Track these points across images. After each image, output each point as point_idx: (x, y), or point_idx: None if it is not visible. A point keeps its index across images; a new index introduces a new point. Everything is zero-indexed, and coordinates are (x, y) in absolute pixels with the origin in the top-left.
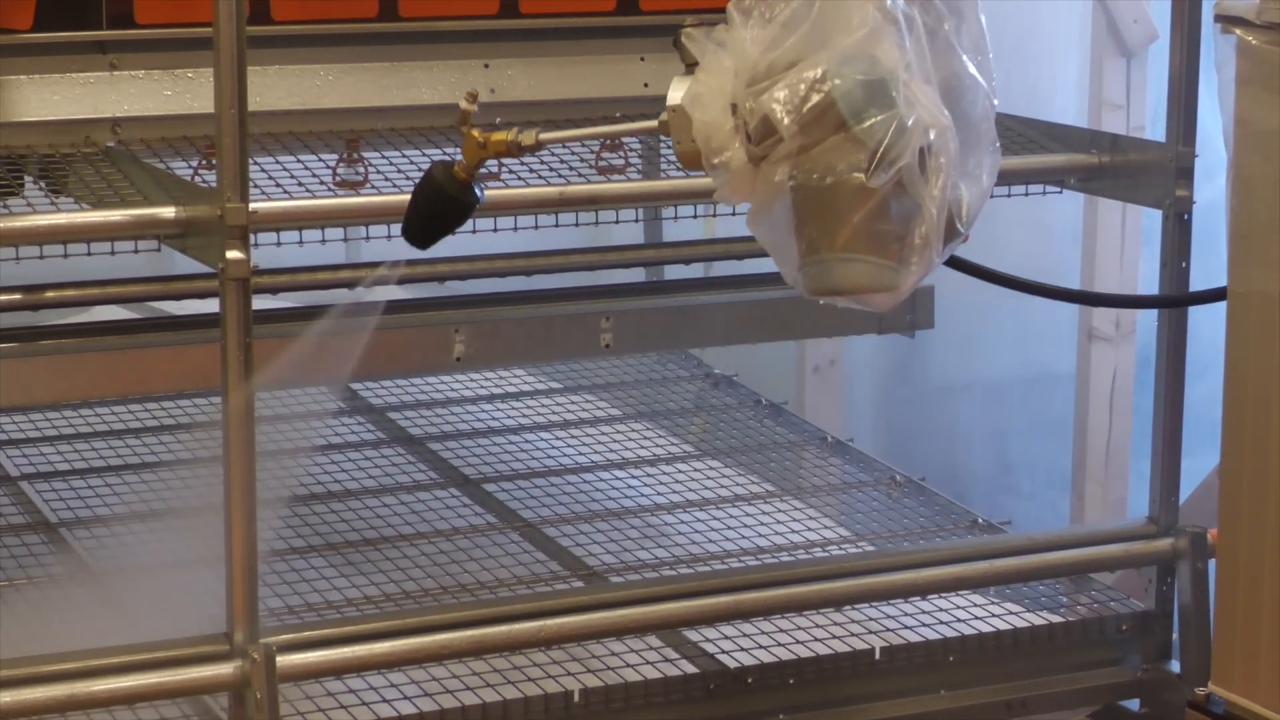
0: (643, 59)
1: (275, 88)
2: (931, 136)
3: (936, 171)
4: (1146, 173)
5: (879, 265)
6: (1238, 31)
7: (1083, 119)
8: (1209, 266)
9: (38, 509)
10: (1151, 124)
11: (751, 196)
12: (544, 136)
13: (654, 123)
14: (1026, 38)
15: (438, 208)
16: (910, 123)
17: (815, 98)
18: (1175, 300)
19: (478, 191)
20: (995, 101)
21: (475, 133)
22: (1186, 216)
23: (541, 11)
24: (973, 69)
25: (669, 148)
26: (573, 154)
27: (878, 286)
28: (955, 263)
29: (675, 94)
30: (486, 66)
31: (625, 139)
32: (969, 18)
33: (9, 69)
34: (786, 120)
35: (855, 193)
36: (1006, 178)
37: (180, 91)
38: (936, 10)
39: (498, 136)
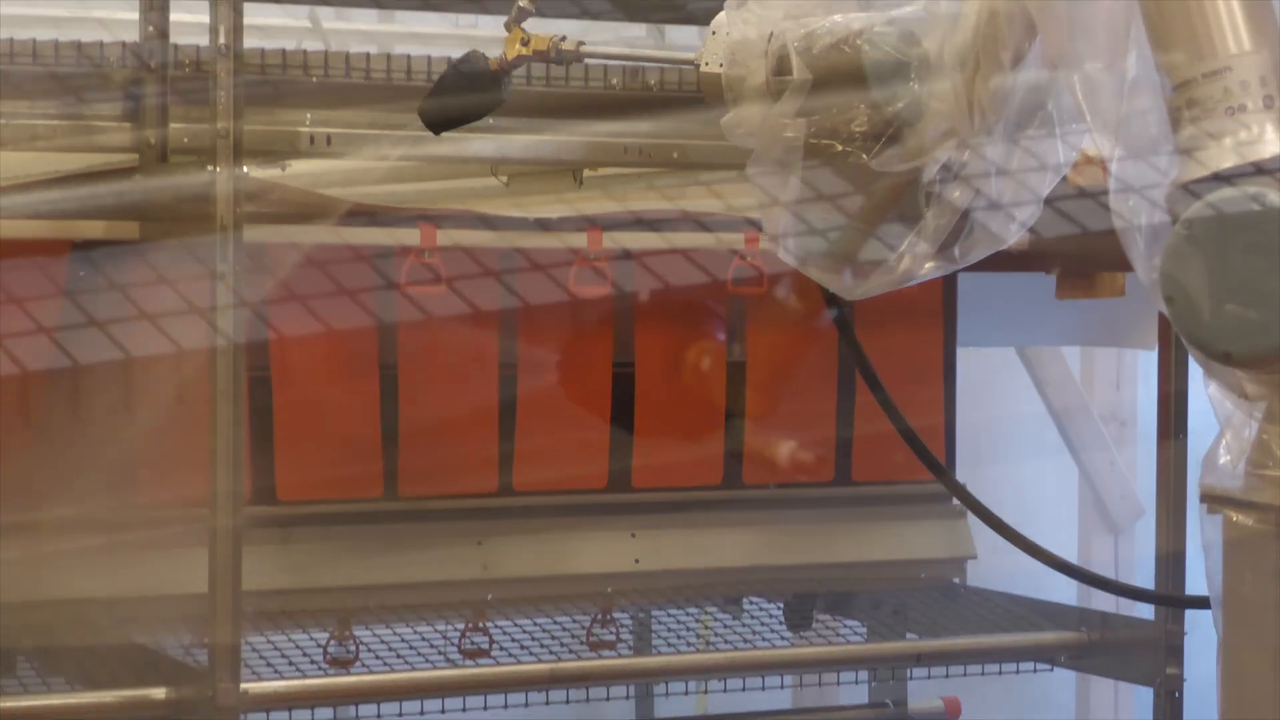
0: (634, 535)
1: (270, 565)
2: (965, 158)
3: (953, 191)
4: (1136, 651)
5: (868, 240)
6: (1224, 511)
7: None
8: None
9: None
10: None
11: (757, 135)
12: (585, 49)
13: (692, 54)
14: (1023, 512)
15: (464, 88)
16: (935, 120)
17: (839, 53)
18: (1170, 600)
19: (506, 90)
20: (1065, 170)
21: (521, 31)
22: (1178, 694)
23: (534, 489)
24: (1058, 140)
25: (660, 621)
26: (563, 630)
27: (860, 260)
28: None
29: (722, 17)
30: (479, 544)
31: (616, 615)
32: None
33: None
34: (798, 59)
35: (863, 172)
36: (997, 655)
37: (176, 571)
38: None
39: (540, 37)
